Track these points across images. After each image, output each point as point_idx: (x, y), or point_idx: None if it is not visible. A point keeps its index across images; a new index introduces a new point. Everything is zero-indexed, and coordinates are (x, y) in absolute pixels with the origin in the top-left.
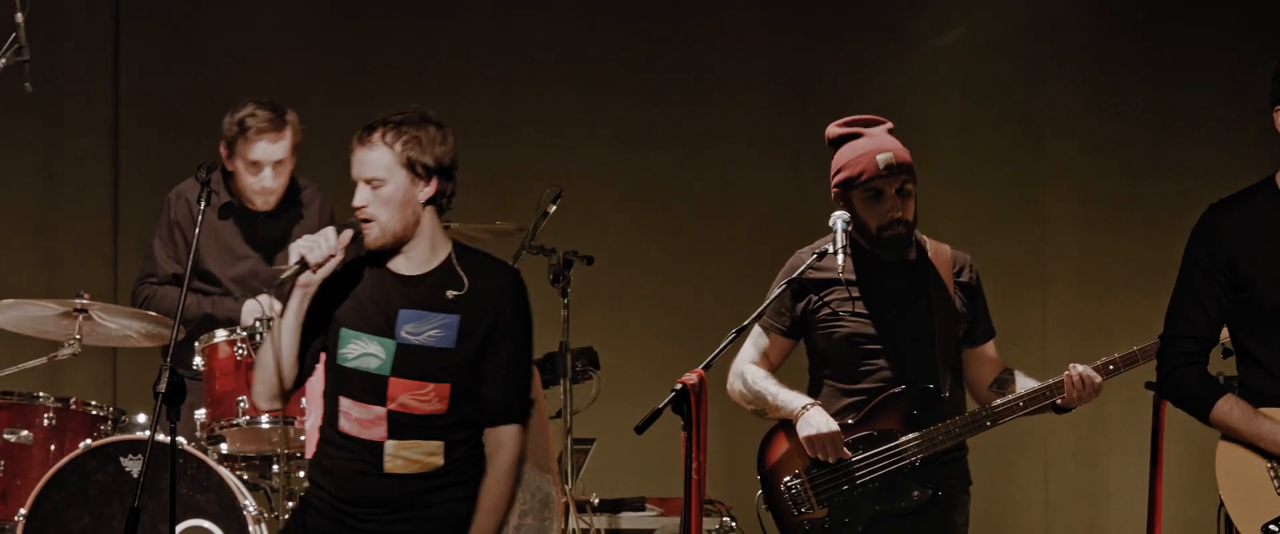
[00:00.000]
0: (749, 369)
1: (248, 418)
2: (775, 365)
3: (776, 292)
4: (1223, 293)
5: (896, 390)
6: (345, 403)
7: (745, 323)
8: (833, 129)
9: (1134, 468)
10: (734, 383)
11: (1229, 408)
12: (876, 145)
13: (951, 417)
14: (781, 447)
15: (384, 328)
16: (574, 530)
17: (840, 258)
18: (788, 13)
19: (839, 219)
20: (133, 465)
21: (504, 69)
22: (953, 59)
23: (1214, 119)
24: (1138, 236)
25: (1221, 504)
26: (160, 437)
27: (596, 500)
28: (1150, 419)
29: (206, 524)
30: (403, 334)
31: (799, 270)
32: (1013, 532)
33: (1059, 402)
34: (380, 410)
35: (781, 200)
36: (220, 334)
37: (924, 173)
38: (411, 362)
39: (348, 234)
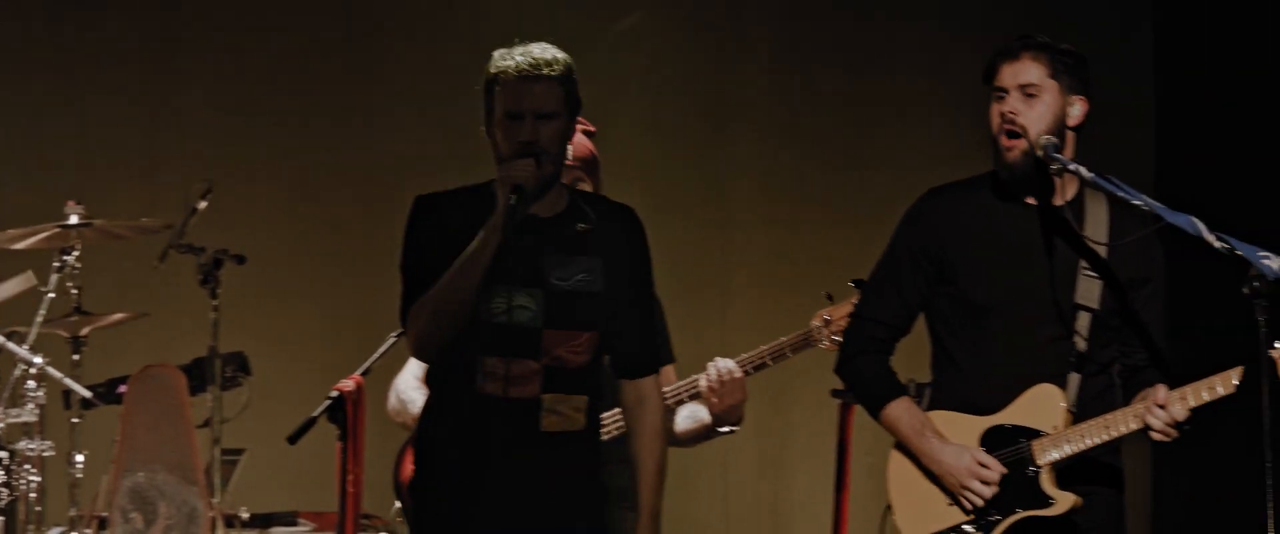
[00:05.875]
0: None
1: None
2: None
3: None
4: (926, 283)
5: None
6: (491, 363)
7: None
8: None
9: (818, 481)
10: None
11: (900, 413)
12: None
13: None
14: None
15: (532, 277)
16: None
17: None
18: None
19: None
20: None
21: (152, 53)
22: (631, 46)
23: (917, 106)
24: (825, 233)
25: (887, 511)
26: None
27: (246, 515)
28: (836, 429)
29: None
30: (553, 281)
31: None
32: None
33: (711, 410)
34: (535, 365)
35: None
36: None
37: (606, 164)
38: (564, 311)
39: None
